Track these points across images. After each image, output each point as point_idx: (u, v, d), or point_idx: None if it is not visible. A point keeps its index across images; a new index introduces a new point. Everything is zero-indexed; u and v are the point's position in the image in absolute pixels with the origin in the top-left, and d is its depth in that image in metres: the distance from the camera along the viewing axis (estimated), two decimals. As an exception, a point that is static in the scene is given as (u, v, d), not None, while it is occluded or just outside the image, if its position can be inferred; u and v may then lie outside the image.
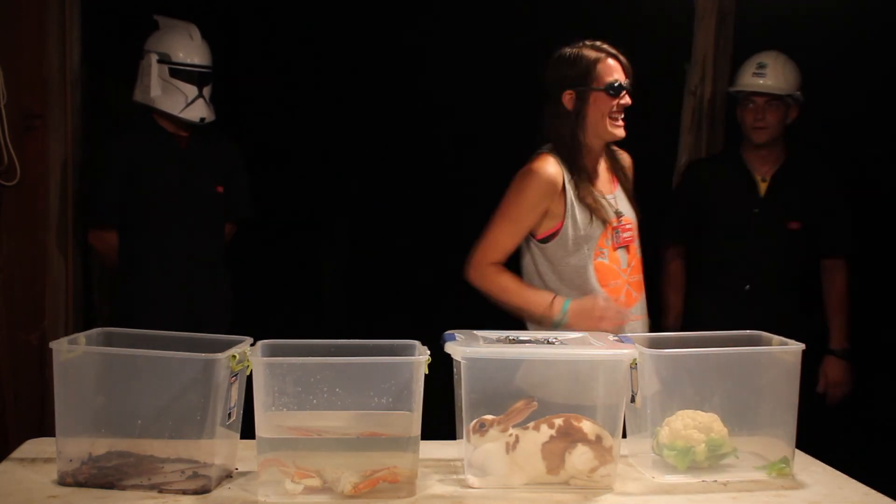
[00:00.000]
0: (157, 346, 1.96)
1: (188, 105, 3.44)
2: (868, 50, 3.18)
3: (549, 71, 2.73)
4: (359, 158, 5.35)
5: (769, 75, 3.45)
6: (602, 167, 2.77)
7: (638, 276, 2.76)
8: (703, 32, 3.77)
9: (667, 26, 3.98)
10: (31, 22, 3.34)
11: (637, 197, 2.82)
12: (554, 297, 2.61)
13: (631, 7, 4.29)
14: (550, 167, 2.64)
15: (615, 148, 2.83)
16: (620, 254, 2.70)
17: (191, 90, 3.45)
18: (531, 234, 2.69)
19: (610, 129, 2.67)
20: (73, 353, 1.92)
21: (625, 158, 2.86)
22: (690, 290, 3.62)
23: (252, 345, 1.99)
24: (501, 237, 2.66)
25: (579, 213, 2.65)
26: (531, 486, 1.97)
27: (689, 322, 3.54)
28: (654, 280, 3.36)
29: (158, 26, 3.53)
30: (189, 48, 3.48)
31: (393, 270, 5.33)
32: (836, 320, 3.52)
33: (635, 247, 2.75)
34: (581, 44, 2.70)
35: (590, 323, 2.51)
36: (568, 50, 2.70)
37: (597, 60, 2.66)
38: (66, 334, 2.83)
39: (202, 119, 3.47)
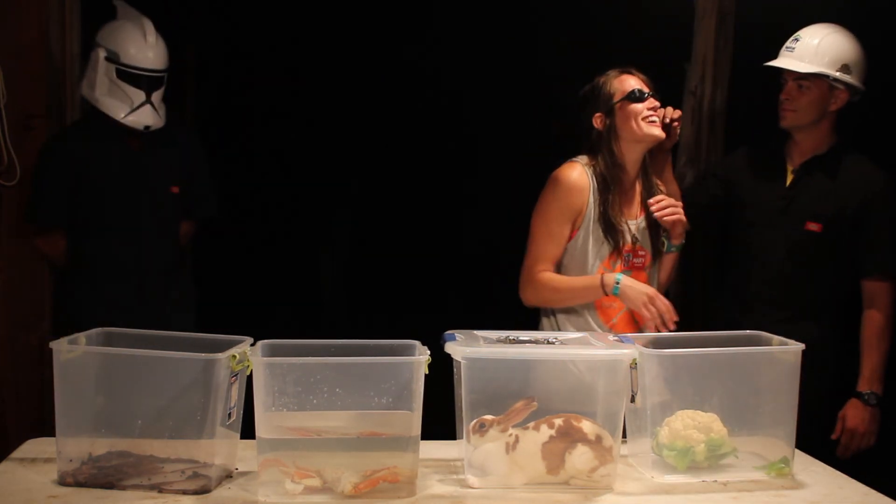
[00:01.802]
0: (157, 346, 1.96)
1: (133, 111, 3.19)
2: (868, 49, 3.17)
3: (580, 110, 2.84)
4: (359, 158, 5.35)
5: (798, 50, 3.04)
6: (635, 191, 2.82)
7: None
8: (703, 32, 3.76)
9: (667, 26, 3.98)
10: (31, 22, 3.34)
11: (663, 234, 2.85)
12: (603, 273, 2.70)
13: (631, 7, 4.29)
14: (574, 173, 2.75)
15: (659, 182, 2.89)
16: (627, 275, 2.71)
17: (137, 95, 3.19)
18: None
19: (645, 129, 2.75)
20: (73, 353, 1.92)
21: (671, 191, 2.92)
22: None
23: (252, 345, 1.99)
24: (543, 247, 2.75)
25: (594, 228, 2.74)
26: (531, 486, 1.97)
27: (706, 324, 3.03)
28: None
29: (116, 14, 3.28)
30: (140, 49, 3.20)
31: (393, 270, 5.33)
32: (869, 358, 3.00)
33: (646, 276, 2.79)
34: (611, 72, 2.83)
35: (639, 300, 2.62)
36: (588, 85, 2.84)
37: (613, 78, 2.80)
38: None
39: (146, 127, 3.22)
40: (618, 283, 2.65)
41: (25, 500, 1.83)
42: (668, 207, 2.76)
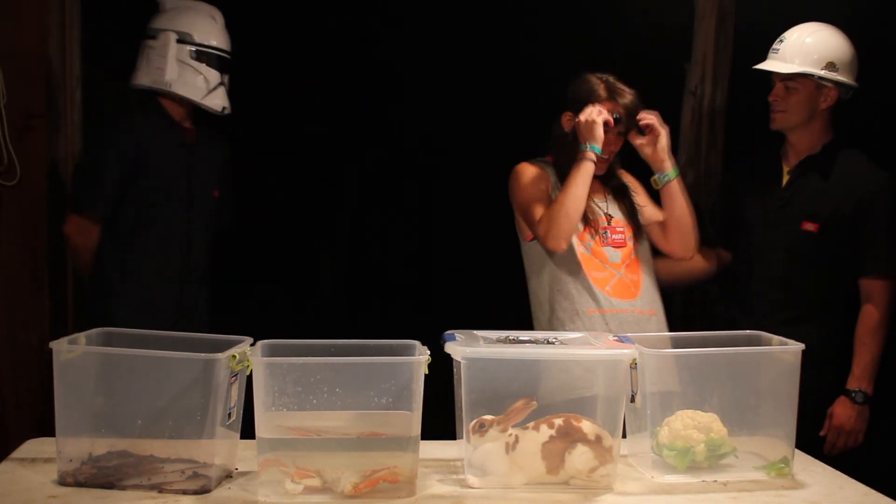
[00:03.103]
0: (157, 346, 1.96)
1: (211, 91, 3.16)
2: (868, 49, 3.17)
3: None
4: (359, 158, 5.35)
5: (783, 51, 3.03)
6: (596, 184, 2.84)
7: (638, 275, 2.83)
8: (703, 32, 3.76)
9: (667, 26, 3.98)
10: (31, 22, 3.34)
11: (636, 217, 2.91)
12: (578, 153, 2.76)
13: (631, 7, 4.29)
14: (532, 165, 2.89)
15: (622, 172, 2.97)
16: (608, 250, 2.81)
17: (213, 76, 3.17)
18: (522, 238, 2.90)
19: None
20: (73, 353, 1.92)
21: (630, 181, 2.98)
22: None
23: (252, 345, 1.99)
24: (538, 208, 2.81)
25: None
26: (531, 486, 1.97)
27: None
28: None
29: (162, 8, 3.22)
30: (213, 30, 3.20)
31: (393, 270, 5.33)
32: (861, 355, 2.98)
33: (632, 247, 2.85)
34: (590, 74, 2.85)
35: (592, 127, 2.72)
36: (577, 77, 2.87)
37: (593, 92, 2.81)
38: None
39: (224, 109, 3.20)
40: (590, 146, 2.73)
41: (25, 500, 1.83)
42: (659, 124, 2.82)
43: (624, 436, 2.07)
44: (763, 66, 3.08)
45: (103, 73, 3.89)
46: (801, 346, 2.10)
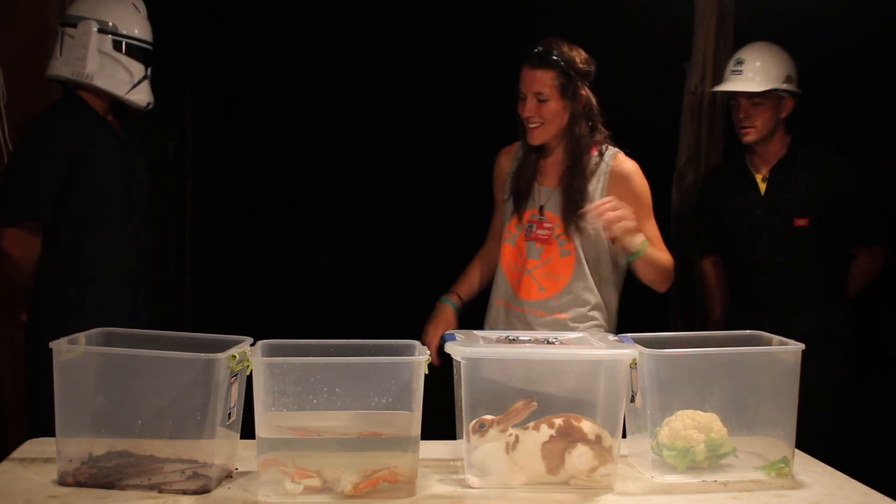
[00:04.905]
0: (157, 346, 1.96)
1: (136, 85, 2.96)
2: (868, 49, 3.18)
3: None
4: (359, 158, 5.35)
5: (746, 72, 3.30)
6: (554, 160, 2.77)
7: (554, 274, 2.73)
8: (703, 32, 3.76)
9: (667, 26, 3.98)
10: (31, 22, 3.34)
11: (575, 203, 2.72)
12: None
13: (631, 7, 4.29)
14: (502, 153, 2.92)
15: (615, 153, 2.77)
16: (530, 245, 2.75)
17: (138, 69, 2.96)
18: None
19: (526, 136, 2.78)
20: (73, 353, 1.92)
21: (618, 166, 2.75)
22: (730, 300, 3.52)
23: (252, 345, 1.99)
24: (493, 221, 2.98)
25: (508, 195, 2.84)
26: (531, 486, 1.97)
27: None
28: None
29: None
30: (137, 20, 2.99)
31: (393, 270, 5.33)
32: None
33: (558, 246, 2.72)
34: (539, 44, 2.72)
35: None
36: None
37: (521, 66, 2.73)
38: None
39: (148, 104, 3.01)
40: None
41: (25, 500, 1.83)
42: (606, 214, 2.56)
43: (624, 436, 2.07)
44: (733, 87, 3.32)
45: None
46: (801, 345, 2.10)
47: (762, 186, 3.37)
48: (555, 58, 2.68)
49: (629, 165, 2.77)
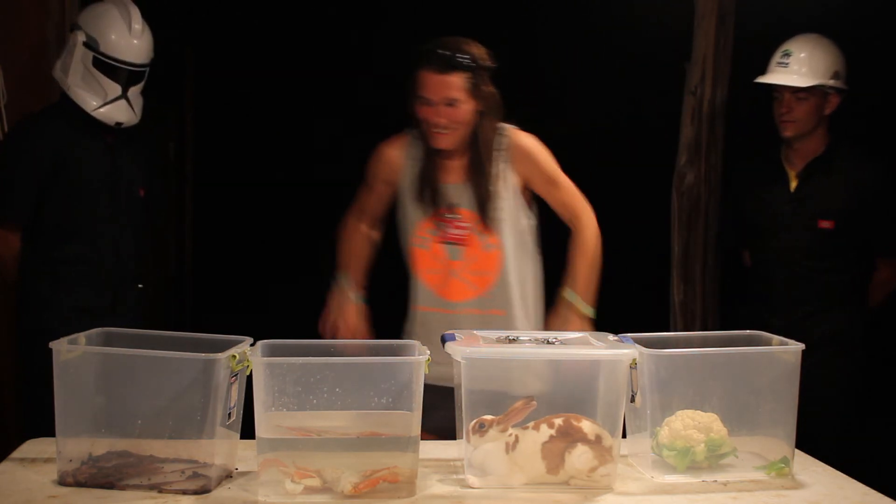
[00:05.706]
0: (157, 346, 1.96)
1: (105, 104, 2.96)
2: (868, 48, 3.18)
3: None
4: (359, 158, 5.35)
5: (792, 66, 3.19)
6: (458, 155, 2.65)
7: (482, 272, 2.66)
8: (703, 32, 3.76)
9: (667, 26, 3.98)
10: (31, 22, 3.34)
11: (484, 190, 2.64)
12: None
13: (631, 7, 4.29)
14: (390, 147, 2.76)
15: (509, 129, 2.66)
16: (450, 248, 2.66)
17: (112, 88, 2.96)
18: None
19: (431, 140, 2.62)
20: (73, 353, 1.92)
21: (516, 142, 2.66)
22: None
23: (252, 345, 1.99)
24: (362, 199, 2.87)
25: (408, 194, 2.71)
26: (531, 486, 1.97)
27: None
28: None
29: None
30: (123, 38, 2.96)
31: (392, 270, 5.33)
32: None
33: (479, 242, 2.65)
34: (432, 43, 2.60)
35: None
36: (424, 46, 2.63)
37: (419, 71, 2.59)
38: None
39: (118, 123, 3.01)
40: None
41: (25, 500, 1.83)
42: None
43: (624, 436, 2.07)
44: (777, 79, 3.21)
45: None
46: (801, 345, 2.10)
47: (793, 183, 3.28)
48: (464, 60, 2.55)
49: (526, 139, 2.68)
